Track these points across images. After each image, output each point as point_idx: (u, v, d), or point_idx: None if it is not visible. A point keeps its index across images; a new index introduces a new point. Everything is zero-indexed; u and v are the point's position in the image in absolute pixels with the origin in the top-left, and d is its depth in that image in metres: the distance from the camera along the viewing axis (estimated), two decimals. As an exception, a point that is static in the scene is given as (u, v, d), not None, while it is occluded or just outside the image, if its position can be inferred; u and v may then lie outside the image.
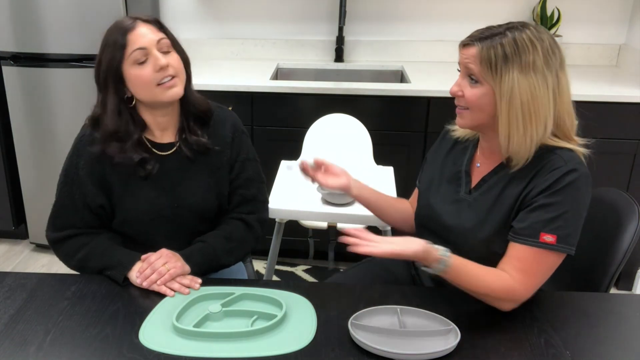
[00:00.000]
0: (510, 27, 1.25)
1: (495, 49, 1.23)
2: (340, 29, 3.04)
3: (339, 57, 3.09)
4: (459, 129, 1.47)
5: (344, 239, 1.22)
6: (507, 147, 1.28)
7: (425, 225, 1.48)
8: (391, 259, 1.66)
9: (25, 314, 1.27)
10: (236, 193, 1.58)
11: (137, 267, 1.40)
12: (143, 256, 1.42)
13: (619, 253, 1.44)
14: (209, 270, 1.49)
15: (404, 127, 2.63)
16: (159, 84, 1.40)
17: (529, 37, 1.23)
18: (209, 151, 1.53)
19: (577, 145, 1.30)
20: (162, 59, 1.39)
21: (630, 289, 2.68)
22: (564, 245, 1.23)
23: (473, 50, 1.25)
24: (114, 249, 1.46)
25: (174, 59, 1.42)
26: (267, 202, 1.66)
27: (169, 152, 1.51)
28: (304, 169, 1.54)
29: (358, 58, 3.16)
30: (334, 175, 1.54)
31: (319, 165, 1.57)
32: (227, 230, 1.55)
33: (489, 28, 1.27)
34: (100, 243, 1.47)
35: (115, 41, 1.38)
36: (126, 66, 1.39)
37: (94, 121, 1.46)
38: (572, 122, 1.30)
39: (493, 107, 1.27)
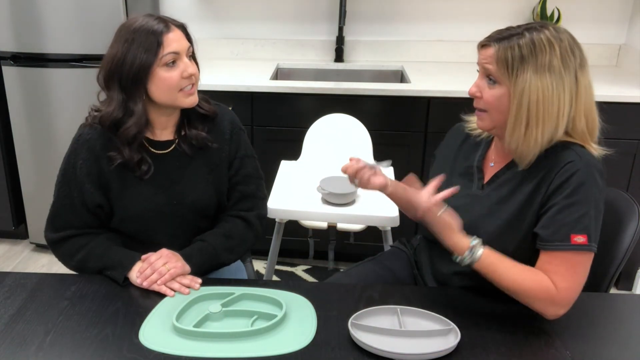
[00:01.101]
0: (528, 27, 1.24)
1: (512, 50, 1.22)
2: (340, 29, 3.04)
3: (339, 57, 3.09)
4: (474, 122, 1.45)
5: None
6: (509, 147, 1.28)
7: None
8: (392, 258, 1.66)
9: (25, 314, 1.27)
10: (235, 190, 1.58)
11: (137, 267, 1.40)
12: (143, 256, 1.42)
13: (619, 253, 1.44)
14: (209, 269, 1.49)
15: (404, 127, 2.63)
16: (181, 90, 1.41)
17: (547, 37, 1.22)
18: (207, 147, 1.53)
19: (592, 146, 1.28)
20: (191, 67, 1.42)
21: (630, 289, 2.68)
22: (594, 243, 1.21)
23: (490, 51, 1.25)
24: (113, 249, 1.46)
25: (195, 67, 1.45)
26: (266, 198, 1.66)
27: (167, 150, 1.51)
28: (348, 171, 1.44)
29: (358, 58, 3.16)
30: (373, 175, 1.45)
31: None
32: (226, 228, 1.55)
33: (507, 29, 1.27)
34: (99, 244, 1.47)
35: (149, 41, 1.36)
36: (156, 67, 1.38)
37: (113, 124, 1.42)
38: (592, 124, 1.28)
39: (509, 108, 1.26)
